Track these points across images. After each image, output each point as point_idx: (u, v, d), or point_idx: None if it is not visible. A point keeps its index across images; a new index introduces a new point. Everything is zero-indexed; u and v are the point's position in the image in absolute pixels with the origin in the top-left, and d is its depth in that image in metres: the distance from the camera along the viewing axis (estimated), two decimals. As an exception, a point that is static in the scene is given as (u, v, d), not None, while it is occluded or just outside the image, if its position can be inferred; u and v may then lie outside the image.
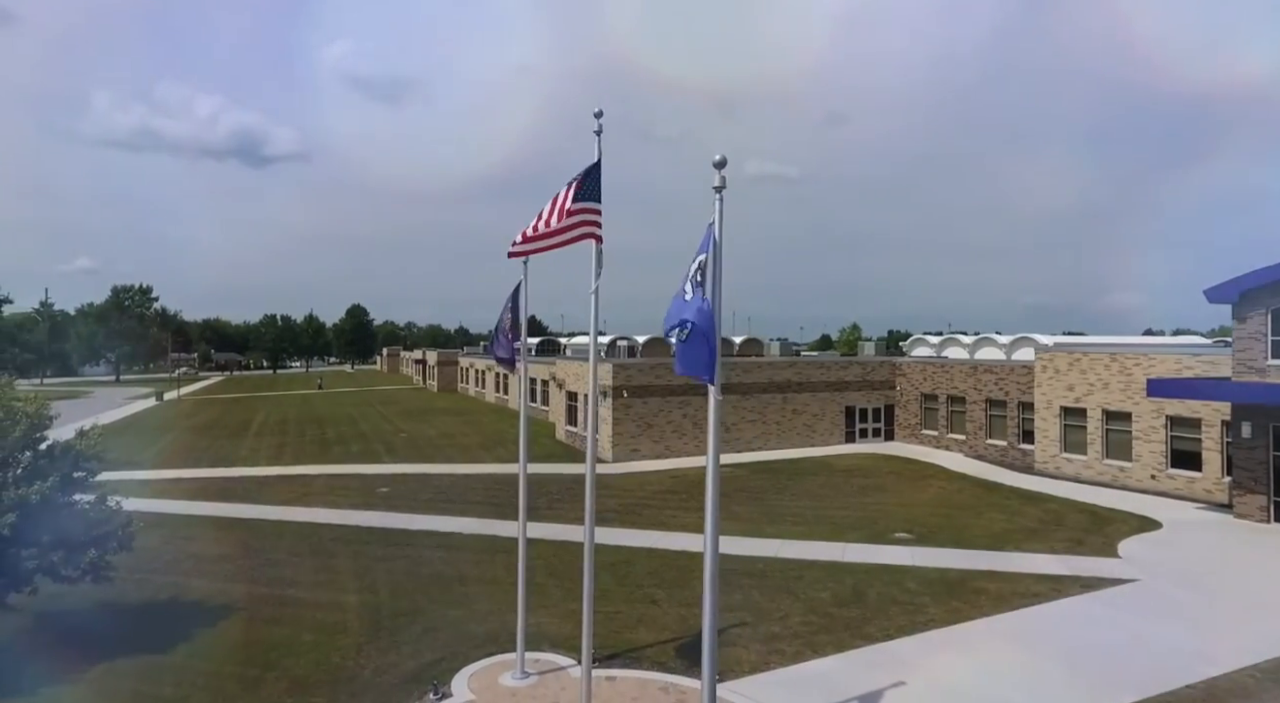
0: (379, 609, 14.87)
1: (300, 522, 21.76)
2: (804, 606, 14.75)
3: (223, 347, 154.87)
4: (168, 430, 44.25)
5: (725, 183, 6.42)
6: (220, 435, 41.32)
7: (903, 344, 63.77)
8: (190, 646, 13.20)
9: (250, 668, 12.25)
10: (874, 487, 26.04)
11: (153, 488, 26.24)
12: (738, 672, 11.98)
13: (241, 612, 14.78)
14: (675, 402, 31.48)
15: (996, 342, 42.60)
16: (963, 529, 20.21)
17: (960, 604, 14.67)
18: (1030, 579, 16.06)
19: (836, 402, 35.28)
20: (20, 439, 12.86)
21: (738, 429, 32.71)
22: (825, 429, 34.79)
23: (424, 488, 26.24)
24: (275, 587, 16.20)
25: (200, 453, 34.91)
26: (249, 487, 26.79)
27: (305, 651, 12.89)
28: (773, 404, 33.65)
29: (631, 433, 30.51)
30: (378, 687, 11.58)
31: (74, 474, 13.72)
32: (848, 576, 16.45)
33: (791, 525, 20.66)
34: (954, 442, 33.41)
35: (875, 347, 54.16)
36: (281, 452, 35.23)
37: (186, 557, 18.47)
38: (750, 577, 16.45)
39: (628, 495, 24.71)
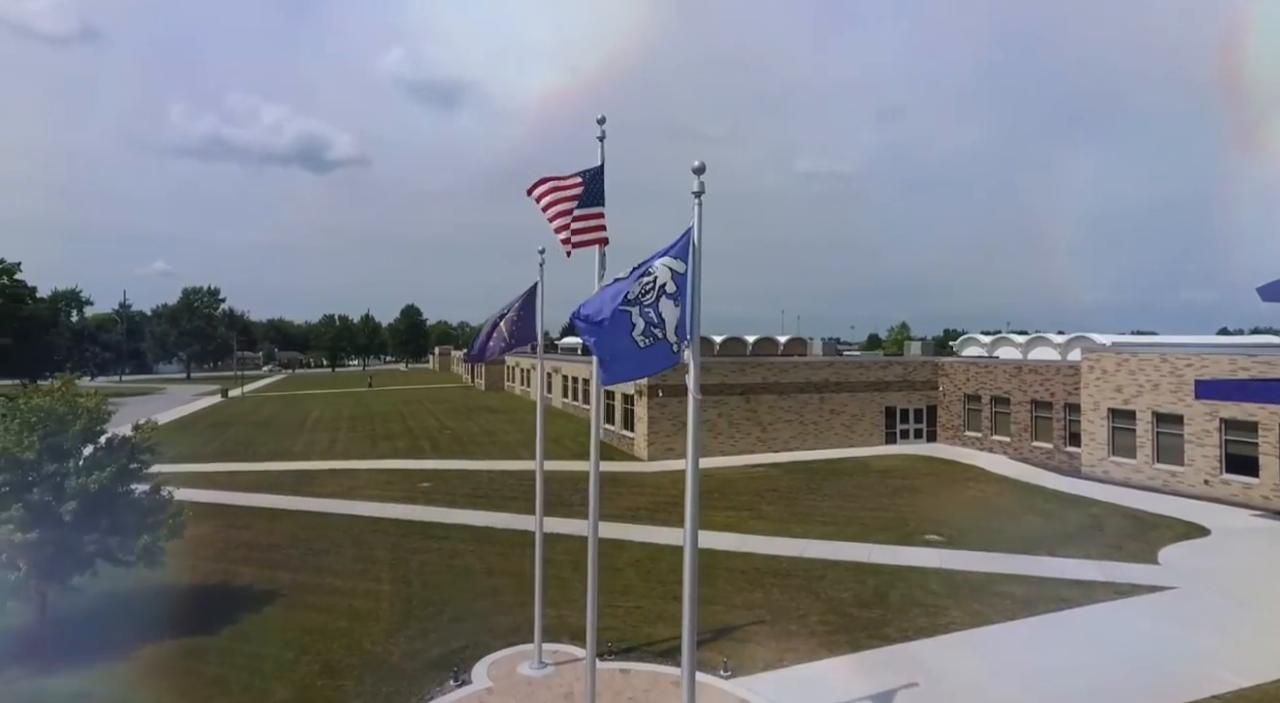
0: (410, 599, 15.49)
1: (344, 514, 22.68)
2: (824, 605, 14.79)
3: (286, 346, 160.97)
4: (230, 425, 46.37)
5: (704, 188, 6.62)
6: (277, 431, 43.11)
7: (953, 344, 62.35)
8: (234, 628, 14.03)
9: (287, 651, 12.96)
10: (909, 488, 25.71)
11: (211, 480, 27.68)
12: (751, 669, 12.14)
13: (283, 598, 15.59)
14: (710, 401, 31.57)
15: (1051, 341, 41.35)
16: (996, 533, 19.85)
17: (983, 608, 14.50)
18: (1060, 584, 15.74)
19: (876, 402, 34.85)
20: (80, 433, 13.82)
21: (774, 429, 32.64)
22: (865, 430, 34.41)
23: (463, 483, 26.99)
24: (316, 575, 17.00)
25: (257, 447, 36.54)
26: (300, 480, 27.97)
27: (339, 636, 13.56)
28: (810, 404, 33.45)
29: (666, 432, 30.75)
30: (404, 672, 12.13)
31: (130, 466, 14.67)
32: (871, 576, 16.39)
33: (820, 525, 20.62)
34: (998, 444, 32.65)
35: (922, 346, 53.06)
36: (332, 447, 36.61)
37: (237, 545, 19.47)
38: (773, 576, 16.55)
39: (659, 494, 24.99)
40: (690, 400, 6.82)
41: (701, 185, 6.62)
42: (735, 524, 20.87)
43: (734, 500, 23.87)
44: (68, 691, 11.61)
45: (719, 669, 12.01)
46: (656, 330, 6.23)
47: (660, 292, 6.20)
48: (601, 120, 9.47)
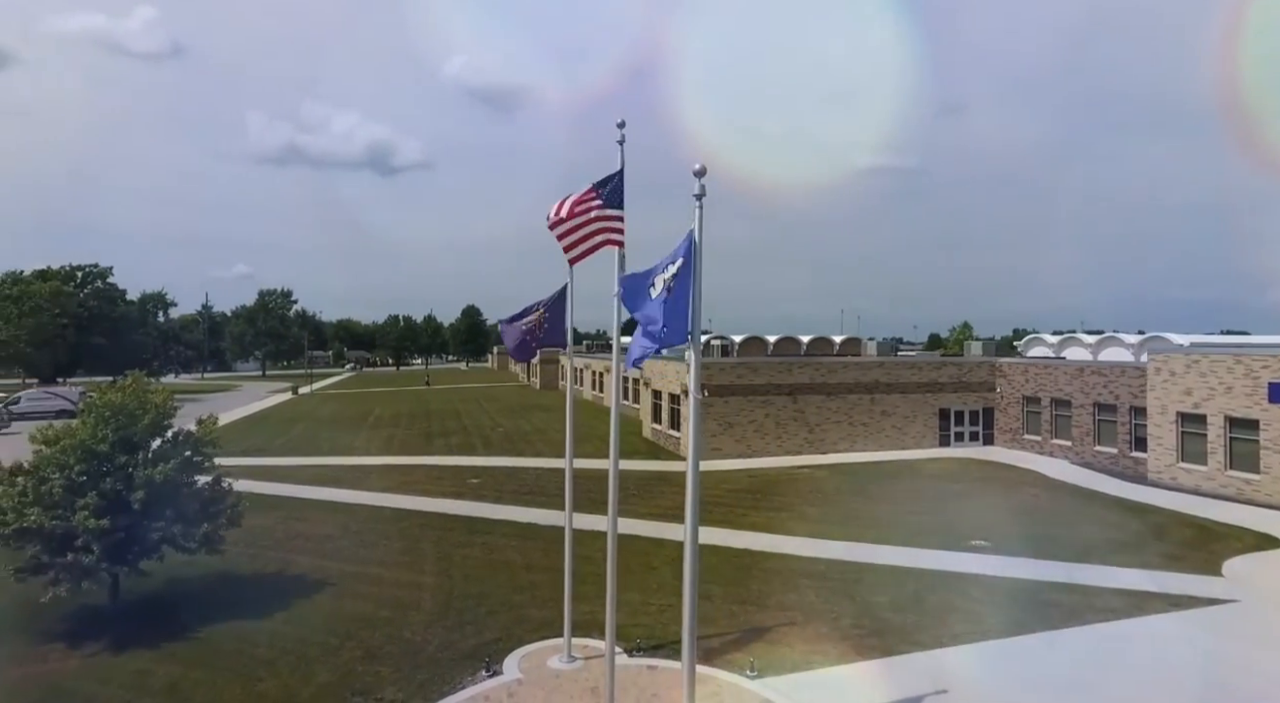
0: (451, 591, 16.01)
1: (396, 508, 23.52)
2: (858, 609, 14.63)
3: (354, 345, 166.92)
4: (297, 422, 48.48)
5: (705, 191, 6.73)
6: (340, 427, 44.87)
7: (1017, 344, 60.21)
8: (286, 614, 14.77)
9: (332, 637, 13.58)
10: (960, 492, 25.06)
11: (276, 473, 29.06)
12: (778, 670, 12.14)
13: (333, 587, 16.32)
14: (757, 401, 31.44)
15: (1123, 342, 39.57)
16: (1047, 539, 19.20)
17: (1025, 616, 14.10)
18: (1110, 594, 15.16)
19: (929, 403, 34.02)
20: (149, 427, 14.80)
21: (822, 430, 32.24)
22: (917, 432, 33.64)
23: (511, 480, 27.61)
24: (364, 566, 17.72)
25: (320, 443, 38.12)
26: (357, 474, 29.10)
27: (381, 624, 14.14)
28: (860, 405, 32.90)
29: (712, 431, 30.73)
30: (438, 661, 12.58)
31: (193, 458, 15.62)
32: (910, 581, 16.11)
33: (862, 528, 20.33)
34: (1059, 448, 31.44)
35: (983, 347, 51.41)
36: (390, 443, 37.91)
37: (295, 536, 20.44)
38: (809, 578, 16.44)
39: (701, 493, 24.98)
40: (691, 400, 6.94)
41: (702, 188, 6.74)
42: (774, 525, 20.77)
43: (776, 501, 23.74)
44: (131, 668, 12.47)
45: (746, 669, 12.05)
46: (651, 327, 6.41)
47: (666, 288, 6.38)
48: (621, 124, 9.64)
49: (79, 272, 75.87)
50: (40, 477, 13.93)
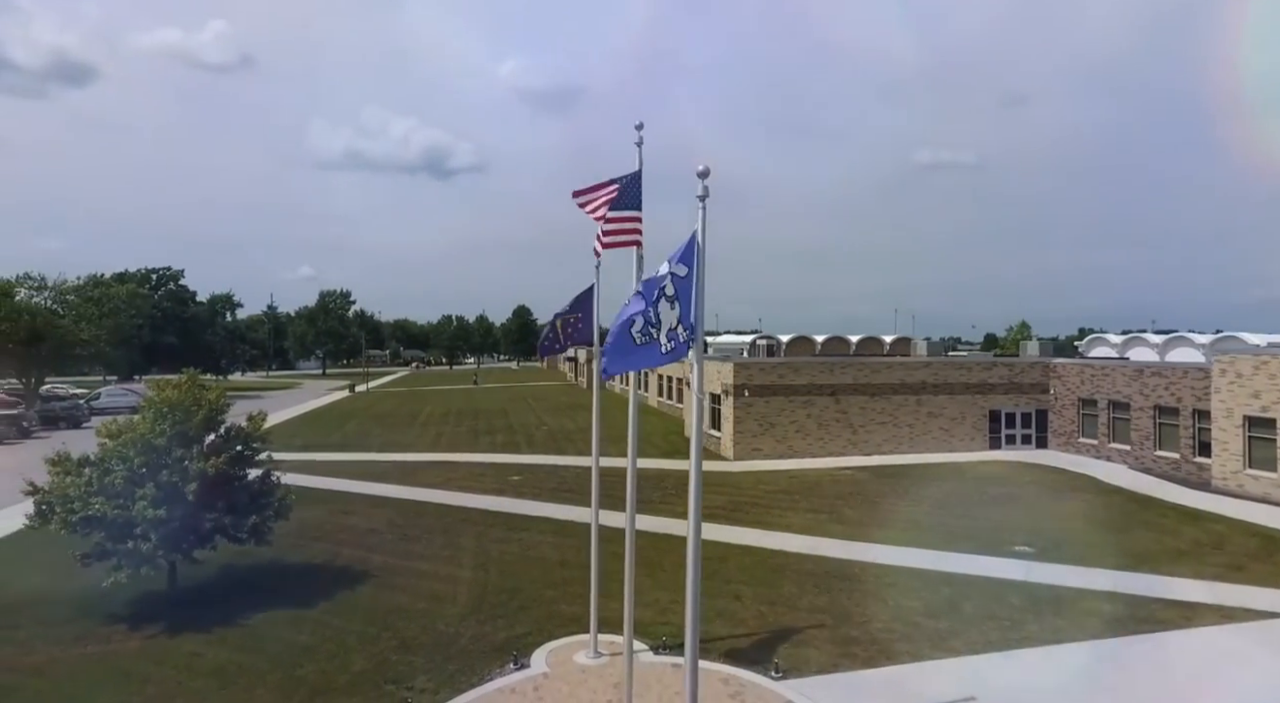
0: (486, 585, 16.38)
1: (439, 503, 24.13)
2: (890, 613, 14.42)
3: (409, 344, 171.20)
4: (351, 419, 50.08)
5: (708, 192, 6.79)
6: (392, 424, 46.16)
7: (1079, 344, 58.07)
8: (329, 603, 15.35)
9: (370, 627, 14.07)
10: (1006, 496, 24.36)
11: (329, 468, 30.11)
12: (803, 671, 12.09)
13: (374, 578, 16.88)
14: (799, 402, 31.12)
15: (1193, 342, 37.83)
16: (1096, 546, 18.54)
17: (1064, 624, 13.68)
18: (1159, 604, 14.58)
19: (978, 405, 33.10)
20: (202, 422, 15.56)
21: (865, 431, 31.71)
22: (965, 434, 32.78)
23: (551, 478, 28.00)
24: (405, 559, 18.26)
25: (372, 439, 39.32)
26: (405, 470, 29.93)
27: (417, 616, 14.57)
28: (905, 406, 32.23)
29: (753, 432, 30.57)
30: (469, 653, 12.92)
31: (244, 453, 16.36)
32: (946, 586, 15.79)
33: (900, 531, 19.98)
34: (1116, 452, 30.23)
35: (1040, 347, 49.69)
36: (438, 440, 38.83)
37: (342, 529, 21.17)
38: (842, 580, 16.27)
39: (739, 494, 24.95)
40: (693, 400, 7.01)
41: (705, 189, 6.80)
42: (812, 527, 20.58)
43: (814, 503, 23.50)
44: (184, 650, 13.16)
45: (770, 670, 12.03)
46: (653, 330, 6.48)
47: (662, 295, 6.45)
48: (640, 126, 9.76)
49: (154, 274, 80.00)
50: (104, 468, 14.80)
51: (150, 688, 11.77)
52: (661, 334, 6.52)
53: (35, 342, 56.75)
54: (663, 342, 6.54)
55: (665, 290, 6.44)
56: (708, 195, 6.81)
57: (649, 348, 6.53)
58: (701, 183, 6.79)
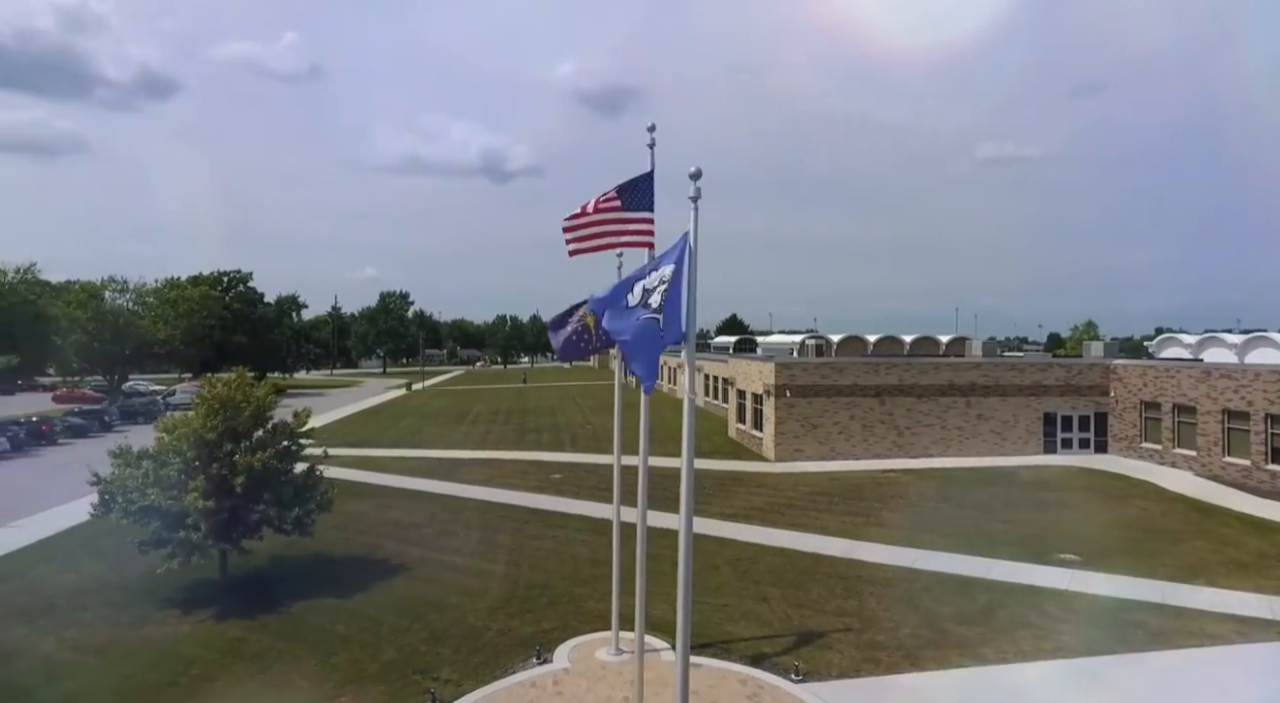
0: (517, 581, 16.70)
1: (480, 500, 24.66)
2: (921, 618, 14.13)
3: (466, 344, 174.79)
4: (405, 416, 51.50)
5: (700, 193, 6.83)
6: (443, 422, 47.30)
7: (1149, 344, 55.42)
8: (366, 595, 15.89)
9: (403, 618, 14.52)
10: (1057, 502, 23.49)
11: (379, 464, 31.10)
12: (823, 675, 11.97)
13: (411, 571, 17.39)
14: (842, 403, 30.60)
15: (1275, 341, 35.65)
16: (1149, 556, 17.74)
17: (1104, 637, 13.16)
18: (1210, 618, 13.87)
19: (1033, 407, 31.94)
20: (249, 419, 16.31)
21: (912, 433, 30.97)
22: (1018, 437, 31.69)
23: (591, 476, 28.25)
24: (443, 553, 18.75)
25: (422, 436, 40.38)
26: (450, 467, 30.66)
27: (448, 609, 14.97)
28: (954, 408, 31.35)
29: (795, 433, 30.21)
30: (495, 646, 13.22)
31: (290, 448, 17.07)
32: (983, 593, 15.36)
33: (941, 536, 19.49)
34: (1181, 458, 28.77)
35: (1105, 347, 47.61)
36: (485, 438, 39.62)
37: (385, 523, 21.85)
38: (874, 584, 16.00)
39: (777, 495, 24.71)
40: (685, 400, 7.07)
41: (698, 190, 6.84)
42: (848, 530, 20.26)
43: (853, 506, 23.12)
44: (229, 635, 13.83)
45: (790, 673, 11.95)
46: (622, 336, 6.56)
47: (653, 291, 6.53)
48: (651, 128, 9.82)
49: (224, 277, 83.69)
50: (160, 461, 15.67)
51: (195, 670, 12.43)
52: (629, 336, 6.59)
53: (118, 341, 60.21)
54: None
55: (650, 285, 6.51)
56: (699, 196, 6.84)
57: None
58: (694, 184, 6.83)
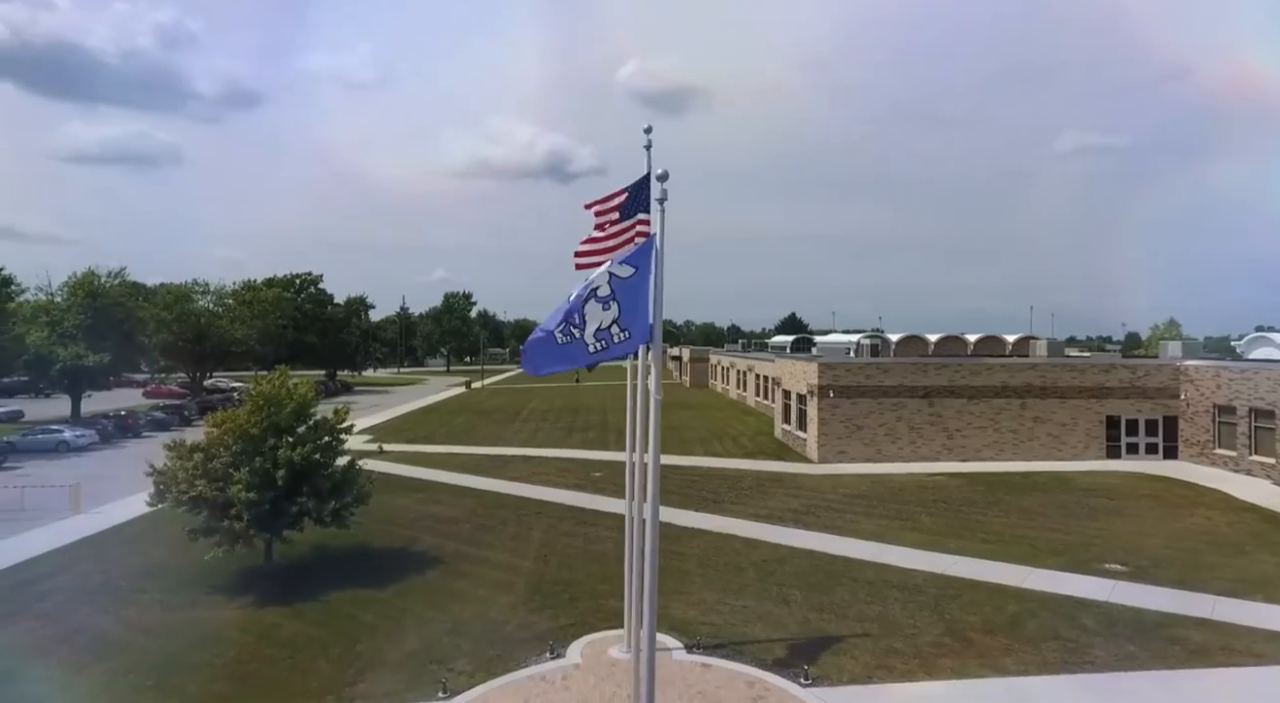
0: (543, 576, 17.00)
1: (520, 496, 25.15)
2: (944, 626, 13.74)
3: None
4: (461, 413, 52.86)
5: (666, 195, 6.88)
6: (496, 419, 48.34)
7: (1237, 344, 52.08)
8: (398, 585, 16.47)
9: (429, 610, 15.00)
10: (1111, 510, 22.36)
11: (430, 459, 32.07)
12: (834, 680, 11.82)
13: (444, 564, 17.92)
14: (888, 404, 29.85)
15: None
16: (1203, 568, 16.75)
17: (1139, 652, 12.53)
18: (1259, 637, 13.03)
19: (1094, 410, 30.44)
20: (291, 414, 17.10)
21: (962, 436, 29.96)
22: (1076, 441, 30.25)
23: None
24: (477, 547, 19.24)
25: (475, 433, 41.38)
26: (496, 463, 31.35)
27: (474, 602, 15.38)
28: (1008, 410, 30.17)
29: (838, 434, 29.63)
30: (513, 640, 13.52)
31: (330, 443, 17.80)
32: (1014, 602, 14.82)
33: (979, 542, 18.87)
34: (1258, 465, 26.93)
35: (1184, 347, 44.88)
36: (534, 435, 40.32)
37: (426, 517, 22.55)
38: (901, 590, 15.63)
39: (814, 497, 24.34)
40: (652, 401, 7.12)
41: (664, 192, 6.89)
42: (882, 533, 19.82)
43: (892, 509, 22.56)
44: (267, 621, 14.58)
45: (799, 676, 11.83)
46: (575, 330, 6.62)
47: (592, 296, 6.58)
48: (648, 129, 9.85)
49: (297, 279, 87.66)
50: (209, 454, 16.61)
51: (231, 651, 13.16)
52: (586, 334, 6.64)
53: (199, 340, 63.79)
54: (589, 341, 6.67)
55: (598, 291, 6.57)
56: (666, 198, 6.88)
57: (571, 347, 6.68)
58: (660, 186, 6.88)
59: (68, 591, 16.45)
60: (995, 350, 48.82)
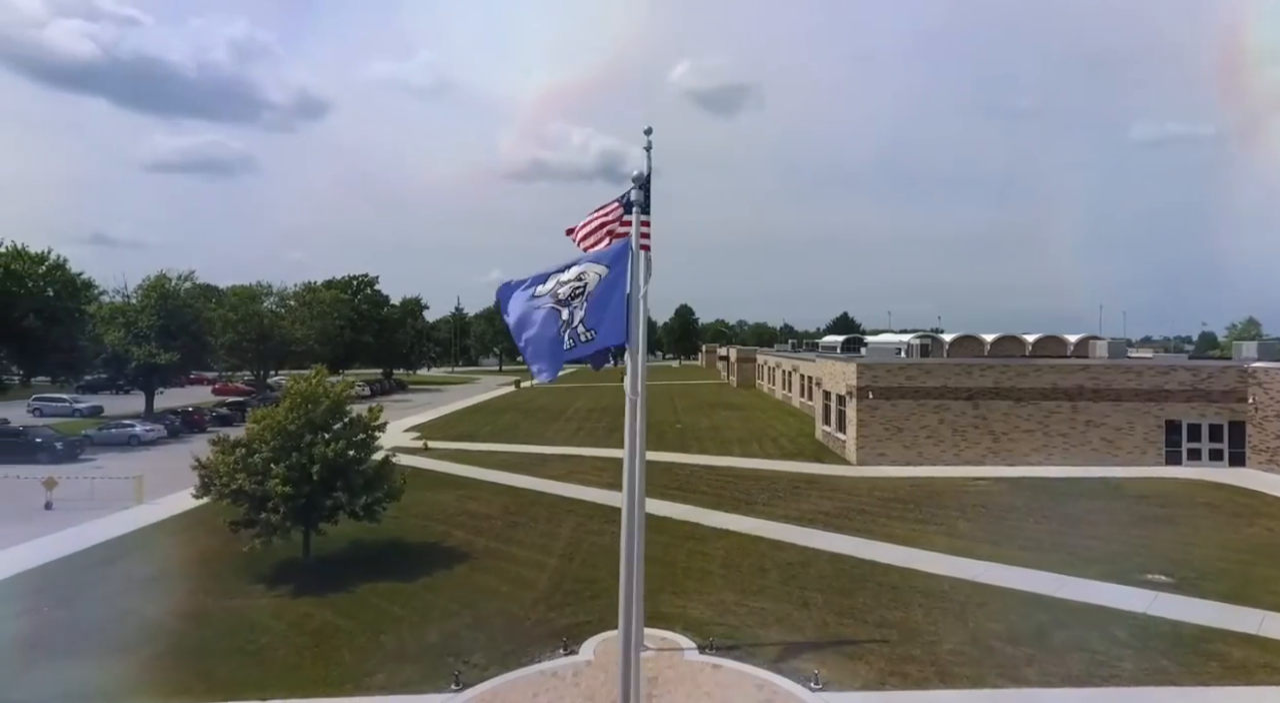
0: (566, 574, 17.21)
1: (554, 494, 25.47)
2: (966, 634, 13.38)
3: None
4: (507, 412, 53.75)
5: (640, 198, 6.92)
6: (540, 418, 48.98)
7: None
8: (427, 579, 16.91)
9: (454, 603, 15.37)
10: (1163, 518, 21.32)
11: (471, 457, 32.74)
12: (845, 685, 11.66)
13: (473, 560, 18.31)
14: (930, 406, 29.09)
15: None
16: (1256, 582, 15.85)
17: (1172, 666, 11.96)
18: (1309, 655, 12.26)
19: (1152, 414, 29.03)
20: (326, 411, 17.73)
21: (1009, 440, 28.97)
22: (1133, 447, 28.90)
23: (665, 475, 28.42)
24: (506, 544, 19.59)
25: (517, 431, 42.02)
26: (534, 462, 31.80)
27: (497, 597, 15.68)
28: (1058, 413, 29.02)
29: (878, 436, 29.02)
30: (529, 635, 13.74)
31: (364, 440, 18.38)
32: (1043, 611, 14.31)
33: (1015, 549, 18.26)
34: (1333, 473, 25.30)
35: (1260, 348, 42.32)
36: (575, 435, 40.70)
37: (462, 513, 23.05)
38: (925, 596, 15.28)
39: (849, 500, 23.92)
40: (628, 402, 7.17)
41: (639, 195, 6.93)
42: (915, 538, 19.37)
43: (928, 514, 22.01)
44: (299, 610, 15.16)
45: (810, 681, 11.70)
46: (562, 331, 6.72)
47: (585, 295, 6.67)
48: (648, 131, 9.90)
49: (354, 280, 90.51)
50: (250, 449, 17.35)
51: (263, 638, 13.74)
52: (565, 333, 6.74)
53: (263, 340, 66.52)
54: (565, 341, 6.76)
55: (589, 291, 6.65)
56: (641, 201, 6.91)
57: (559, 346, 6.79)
58: (634, 189, 6.93)
59: (122, 576, 17.43)
60: (1055, 351, 47.11)
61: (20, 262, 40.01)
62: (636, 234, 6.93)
